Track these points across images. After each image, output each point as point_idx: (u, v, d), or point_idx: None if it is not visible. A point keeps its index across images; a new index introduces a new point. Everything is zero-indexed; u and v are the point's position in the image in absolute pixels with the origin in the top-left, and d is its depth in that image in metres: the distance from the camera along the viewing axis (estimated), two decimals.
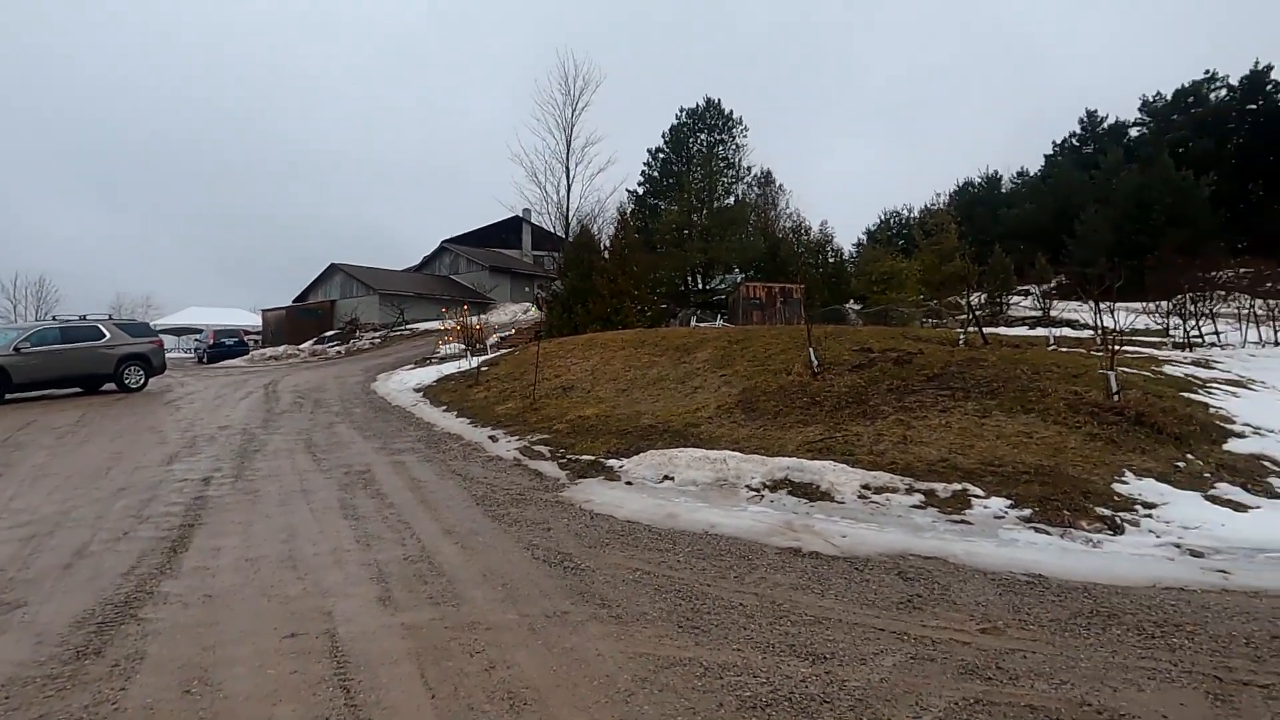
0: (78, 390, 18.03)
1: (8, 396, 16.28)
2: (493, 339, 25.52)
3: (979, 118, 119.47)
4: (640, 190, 43.12)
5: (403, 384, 18.35)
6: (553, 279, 31.76)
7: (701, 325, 26.03)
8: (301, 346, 36.25)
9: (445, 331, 25.08)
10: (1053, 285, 32.32)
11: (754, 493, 7.34)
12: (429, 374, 19.27)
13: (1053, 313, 24.19)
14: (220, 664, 3.80)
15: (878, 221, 55.17)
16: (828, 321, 21.95)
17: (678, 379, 13.06)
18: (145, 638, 4.15)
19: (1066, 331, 20.00)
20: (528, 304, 42.30)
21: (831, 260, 38.66)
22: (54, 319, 19.64)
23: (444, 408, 14.36)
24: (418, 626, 4.26)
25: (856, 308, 31.77)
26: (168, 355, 21.95)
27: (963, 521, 6.29)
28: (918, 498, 6.83)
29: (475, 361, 18.95)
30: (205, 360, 36.13)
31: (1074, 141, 55.92)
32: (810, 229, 42.07)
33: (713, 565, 5.38)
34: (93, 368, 17.90)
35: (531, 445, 10.16)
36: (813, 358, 11.56)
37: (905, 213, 53.21)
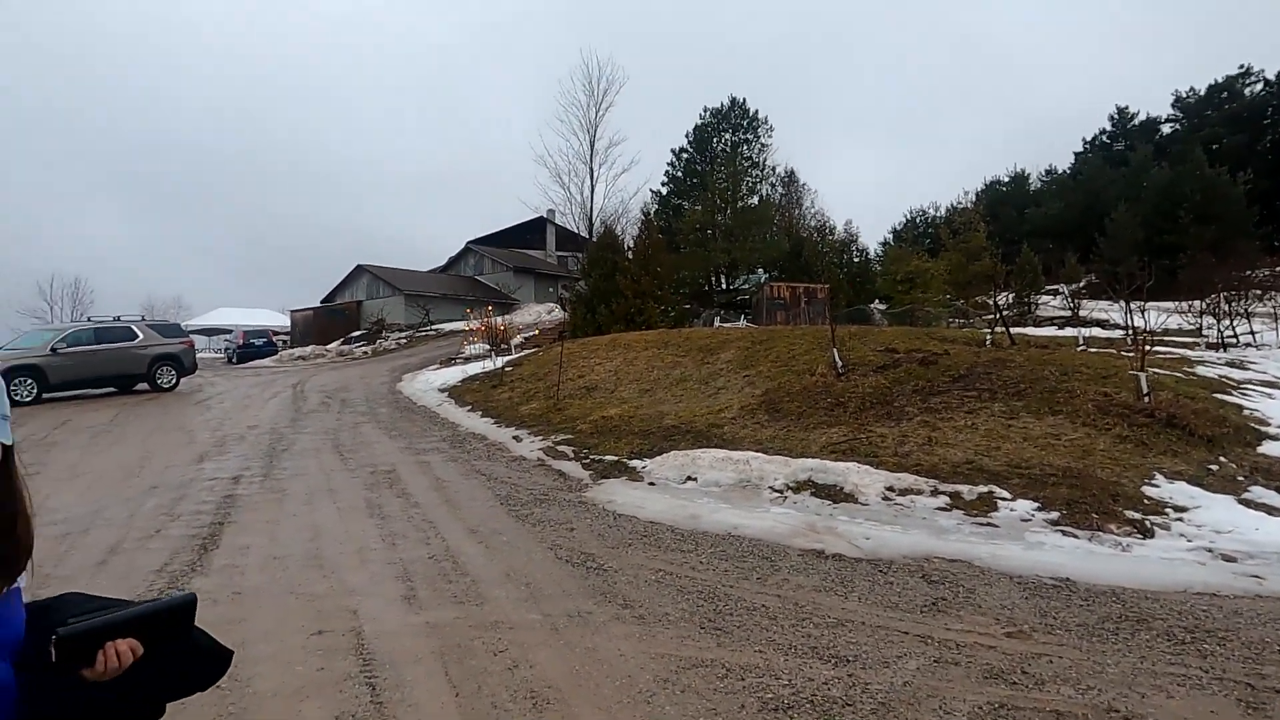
0: (111, 390, 18.37)
1: (44, 396, 16.63)
2: (517, 339, 25.63)
3: (1007, 116, 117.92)
4: (664, 190, 43.09)
5: (428, 384, 18.50)
6: (576, 279, 31.90)
7: (725, 326, 25.96)
8: (329, 346, 36.65)
9: (470, 332, 25.21)
10: (1082, 284, 31.83)
11: (777, 494, 7.32)
12: (454, 374, 19.42)
13: (1082, 312, 23.81)
14: (248, 660, 3.86)
15: (904, 220, 54.73)
16: (852, 322, 21.83)
17: (701, 379, 13.05)
18: None
19: (1096, 332, 19.69)
20: (551, 304, 42.45)
21: (856, 260, 38.42)
22: (89, 320, 20.03)
23: (468, 408, 14.46)
24: (442, 625, 4.30)
25: (881, 308, 31.51)
26: (198, 355, 22.31)
27: (988, 524, 6.23)
28: (943, 500, 6.77)
29: (499, 362, 19.04)
30: (235, 360, 36.58)
31: (1104, 139, 55.04)
32: (835, 228, 41.95)
33: (735, 566, 5.38)
34: (126, 368, 18.24)
35: (555, 445, 10.20)
36: (837, 358, 11.50)
37: (931, 212, 52.73)
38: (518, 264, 49.42)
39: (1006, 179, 56.93)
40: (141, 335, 18.63)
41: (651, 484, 8.04)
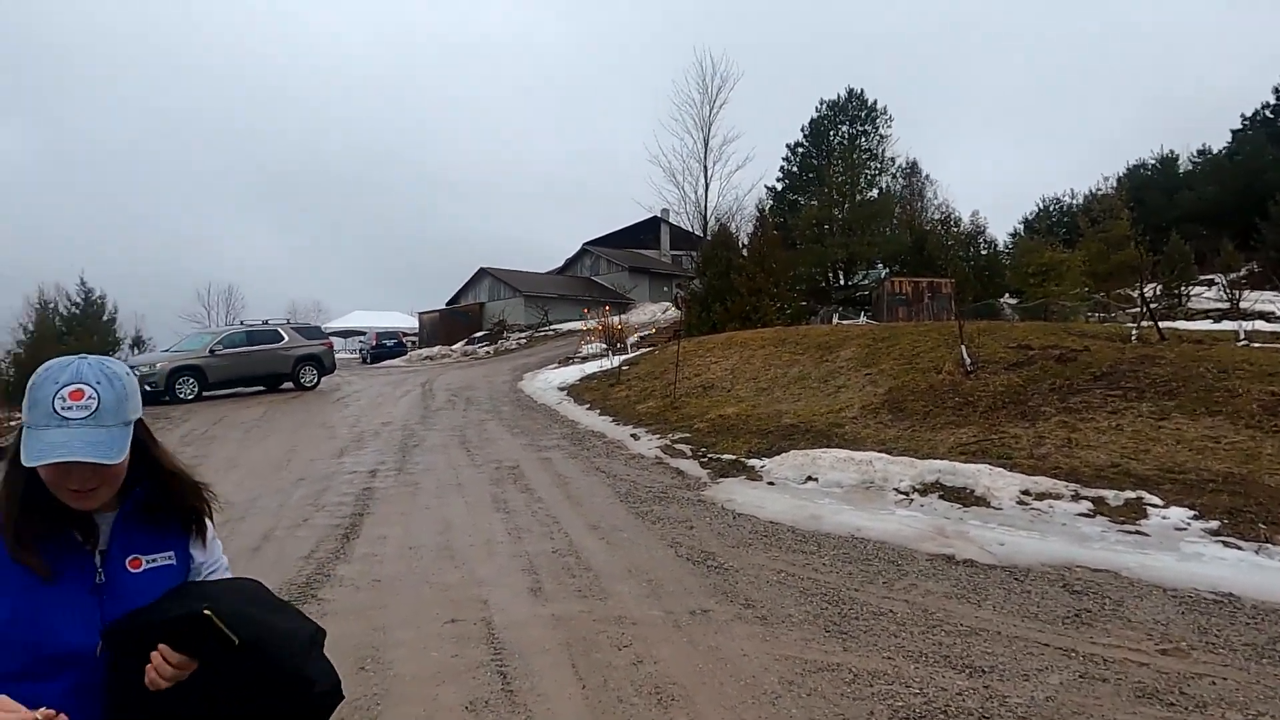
0: (261, 388, 19.77)
1: (204, 394, 18.10)
2: (633, 338, 25.91)
3: (1151, 96, 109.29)
4: (779, 186, 42.33)
5: (548, 383, 18.95)
6: (691, 278, 31.92)
7: (844, 323, 25.36)
8: (454, 347, 38.13)
9: (587, 331, 25.66)
10: (1241, 274, 29.21)
11: (902, 496, 7.09)
12: (572, 373, 19.81)
13: (1242, 304, 21.80)
14: (389, 645, 4.08)
15: (1036, 210, 51.59)
16: (980, 317, 20.81)
17: (820, 378, 12.79)
18: (324, 617, 4.51)
19: (1259, 325, 18.02)
20: (666, 303, 42.60)
21: (984, 253, 36.61)
22: (241, 324, 21.64)
23: (587, 406, 14.73)
24: (567, 618, 4.41)
25: (1012, 302, 29.92)
26: (336, 356, 23.64)
27: (1137, 532, 5.81)
28: (1085, 505, 6.37)
29: (616, 361, 19.29)
30: (368, 360, 38.56)
31: (1267, 114, 50.15)
32: (960, 220, 40.02)
33: (860, 569, 5.25)
34: (274, 368, 19.59)
35: (672, 443, 10.25)
36: (965, 355, 11.02)
37: (1067, 199, 49.56)
38: (633, 264, 49.90)
39: (1152, 161, 52.80)
40: (287, 337, 19.97)
41: (770, 483, 7.96)
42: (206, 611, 1.30)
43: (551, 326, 39.66)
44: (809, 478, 7.87)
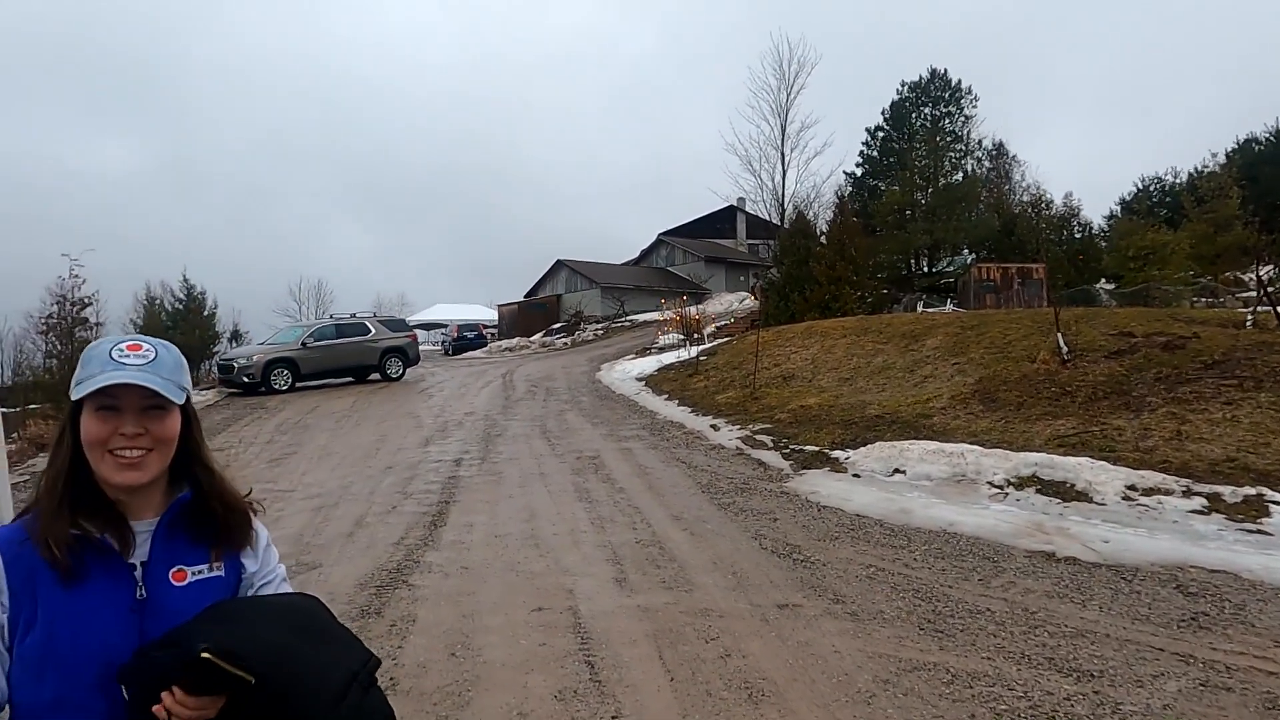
0: (349, 379, 20.45)
1: (297, 385, 18.84)
2: (710, 329, 25.72)
3: (1264, 65, 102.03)
4: (858, 172, 41.27)
5: (625, 373, 19.01)
6: (768, 267, 31.51)
7: (929, 311, 24.62)
8: (532, 338, 38.67)
9: (664, 322, 25.60)
10: None
11: (997, 490, 6.82)
12: (649, 364, 19.81)
13: None
14: (478, 631, 4.14)
15: (1135, 190, 48.91)
16: (1075, 303, 19.88)
17: (905, 368, 12.43)
18: (415, 602, 4.62)
19: None
20: (743, 293, 42.22)
21: (1078, 236, 34.96)
22: (331, 317, 22.39)
23: (665, 396, 14.70)
24: (653, 609, 4.39)
25: (1109, 288, 28.48)
26: (420, 348, 24.21)
27: (1259, 531, 5.44)
28: (1198, 502, 6.00)
29: (694, 351, 19.19)
30: (450, 352, 39.45)
31: None
32: (1052, 202, 38.30)
33: (953, 566, 5.07)
34: (361, 359, 20.24)
35: (753, 434, 10.13)
36: (1061, 343, 10.52)
37: (1169, 179, 46.79)
38: (709, 254, 49.61)
39: (1266, 135, 49.36)
40: (373, 330, 20.60)
41: (856, 476, 7.77)
42: (205, 655, 1.12)
43: (628, 317, 39.78)
44: (896, 470, 7.66)
